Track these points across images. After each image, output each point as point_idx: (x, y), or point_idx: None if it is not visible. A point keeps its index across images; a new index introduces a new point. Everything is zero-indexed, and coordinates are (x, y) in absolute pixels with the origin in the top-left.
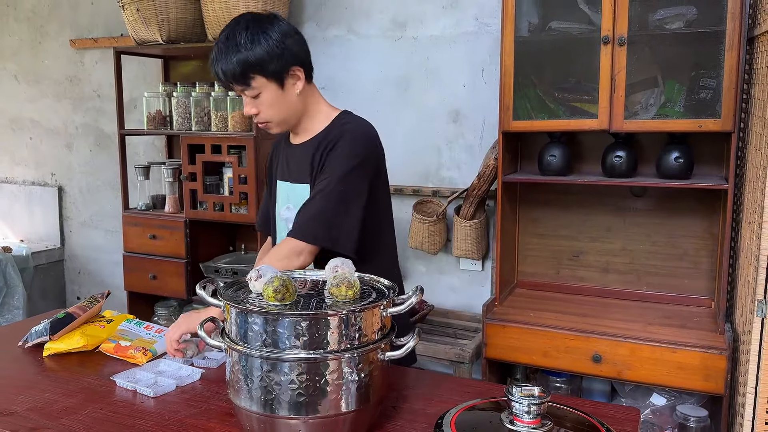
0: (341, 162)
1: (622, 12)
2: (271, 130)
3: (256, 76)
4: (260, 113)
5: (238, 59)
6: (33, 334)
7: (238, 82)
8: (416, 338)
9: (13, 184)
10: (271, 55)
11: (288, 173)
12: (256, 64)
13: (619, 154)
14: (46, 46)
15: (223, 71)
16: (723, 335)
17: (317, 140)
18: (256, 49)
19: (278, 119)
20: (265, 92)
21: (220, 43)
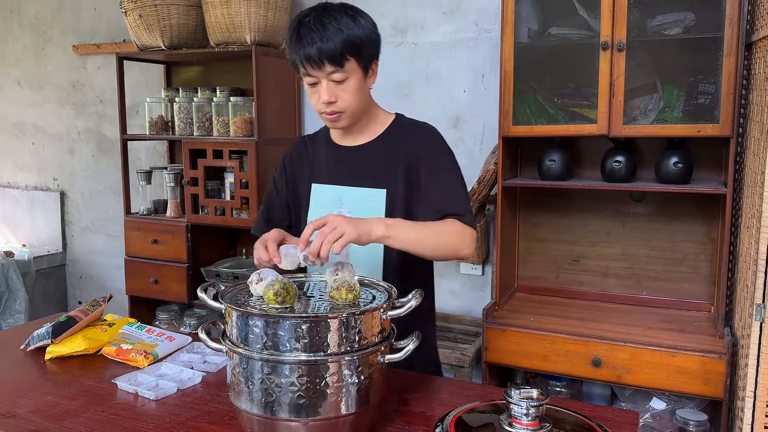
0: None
1: (620, 18)
2: (339, 123)
3: (351, 59)
4: (338, 101)
5: (341, 38)
6: (35, 337)
7: (333, 62)
8: (416, 341)
9: (15, 189)
10: (368, 40)
11: (342, 176)
12: (357, 46)
13: (619, 159)
14: (49, 51)
15: (321, 49)
16: (722, 339)
17: (383, 141)
18: (359, 30)
19: (354, 109)
20: (352, 78)
21: (313, 22)
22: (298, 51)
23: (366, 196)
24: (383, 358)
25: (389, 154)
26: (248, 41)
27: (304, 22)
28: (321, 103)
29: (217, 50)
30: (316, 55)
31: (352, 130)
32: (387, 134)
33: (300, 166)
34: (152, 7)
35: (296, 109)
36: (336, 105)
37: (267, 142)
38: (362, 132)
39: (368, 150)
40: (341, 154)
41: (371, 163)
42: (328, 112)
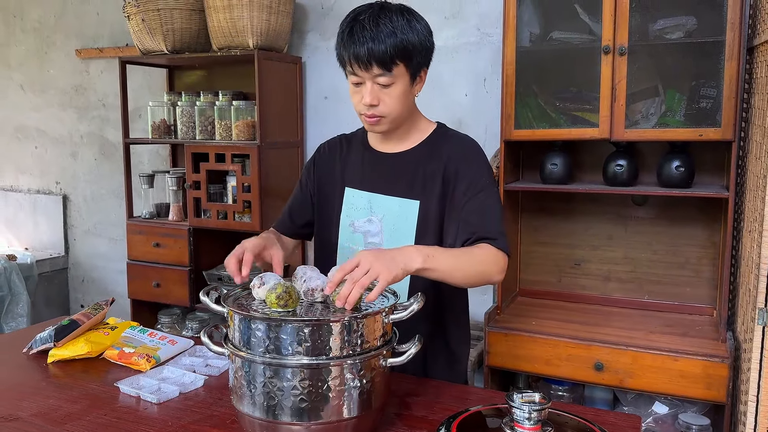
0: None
1: (622, 22)
2: (378, 127)
3: (400, 64)
4: (381, 104)
5: (393, 41)
6: (38, 340)
7: (382, 66)
8: (418, 345)
9: (18, 193)
10: (421, 47)
11: (376, 183)
12: (408, 52)
13: (620, 163)
14: (52, 55)
15: (371, 50)
16: (725, 343)
17: (423, 151)
18: (412, 35)
19: (395, 115)
20: (399, 83)
21: (367, 20)
22: (348, 48)
23: (398, 206)
24: (385, 361)
25: (426, 165)
26: (251, 45)
27: (358, 19)
28: (362, 105)
29: (220, 54)
30: (366, 55)
31: (391, 136)
32: (426, 144)
33: (331, 165)
34: (155, 11)
35: (298, 113)
36: (377, 109)
37: (269, 146)
38: (401, 139)
39: (405, 158)
40: (377, 160)
41: (407, 172)
42: (369, 115)
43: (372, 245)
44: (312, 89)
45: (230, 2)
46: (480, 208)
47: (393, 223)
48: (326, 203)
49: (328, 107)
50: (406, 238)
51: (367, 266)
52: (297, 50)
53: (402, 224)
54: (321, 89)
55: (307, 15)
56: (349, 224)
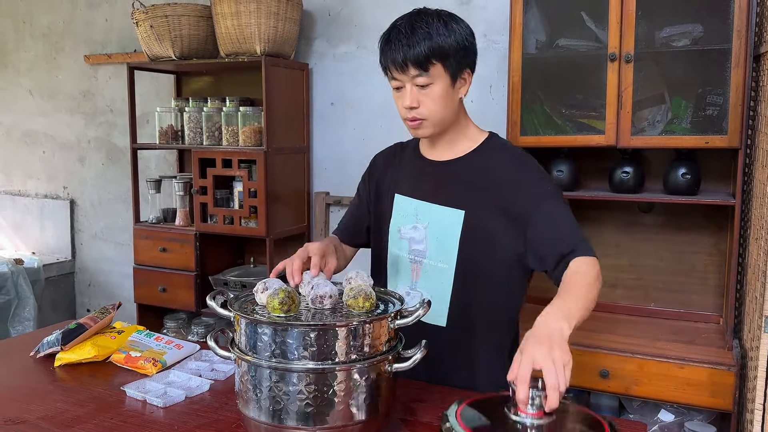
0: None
1: (628, 30)
2: (420, 131)
3: (437, 64)
4: (421, 107)
5: (428, 42)
6: (45, 344)
7: (418, 66)
8: (423, 350)
9: (25, 197)
10: (458, 48)
11: (425, 191)
12: (444, 52)
13: (626, 170)
14: (61, 61)
15: (406, 52)
16: (731, 351)
17: (473, 159)
18: (448, 36)
19: (437, 118)
20: (437, 84)
21: (403, 26)
22: (386, 54)
23: (443, 214)
24: (391, 367)
25: (475, 175)
26: (258, 52)
27: (396, 25)
28: (404, 109)
29: (227, 61)
30: (402, 57)
31: (439, 143)
32: (476, 153)
33: (385, 172)
34: (163, 18)
35: (305, 118)
36: (418, 111)
37: (276, 152)
38: (450, 147)
39: (453, 167)
40: (425, 167)
41: (454, 181)
42: (410, 118)
43: (417, 252)
44: (318, 95)
45: (238, 9)
46: (551, 220)
47: (437, 231)
48: (380, 210)
49: (335, 113)
50: (450, 246)
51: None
52: (304, 57)
53: (446, 233)
54: (327, 95)
55: (314, 22)
56: (397, 230)
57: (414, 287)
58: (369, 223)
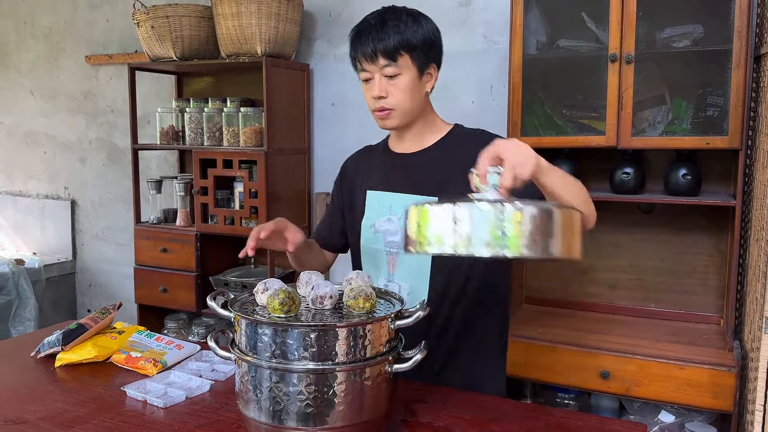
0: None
1: (629, 30)
2: (388, 121)
3: (405, 55)
4: (389, 97)
5: (397, 33)
6: (45, 344)
7: (386, 56)
8: (423, 351)
9: (26, 198)
10: (425, 41)
11: (395, 182)
12: (411, 44)
13: (627, 171)
14: (62, 62)
15: (376, 43)
16: (731, 352)
17: (438, 150)
18: (416, 30)
19: (405, 108)
20: (405, 75)
21: (373, 19)
22: (356, 46)
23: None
24: (391, 367)
25: (445, 162)
26: (259, 52)
27: (366, 19)
28: (372, 99)
29: (228, 61)
30: (372, 49)
31: (407, 136)
32: (443, 142)
33: (356, 173)
34: (164, 18)
35: (306, 119)
36: (386, 101)
37: (276, 152)
38: (418, 139)
39: (422, 157)
40: (396, 161)
41: (424, 170)
42: (378, 108)
43: (392, 244)
44: (319, 96)
45: (239, 10)
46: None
47: None
48: (354, 211)
49: (335, 114)
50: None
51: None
52: (305, 57)
53: None
54: (328, 96)
55: (315, 22)
56: (370, 225)
57: (391, 279)
58: (343, 226)
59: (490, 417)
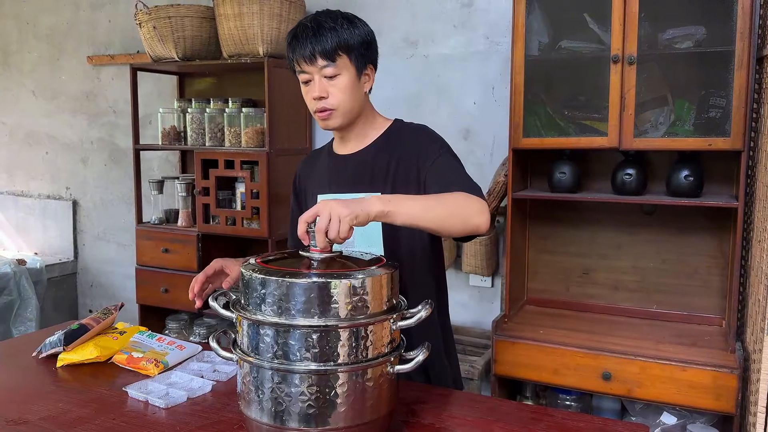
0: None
1: (631, 31)
2: (330, 121)
3: (343, 56)
4: (330, 97)
5: (334, 35)
6: (47, 344)
7: (325, 57)
8: (425, 352)
9: (28, 198)
10: (362, 42)
11: (341, 184)
12: (348, 45)
13: (629, 172)
14: (64, 62)
15: (314, 45)
16: (734, 354)
17: (380, 145)
18: (352, 31)
19: (346, 107)
20: (344, 75)
21: (309, 22)
22: (295, 48)
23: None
24: (393, 368)
25: (384, 156)
26: (260, 53)
27: (302, 23)
28: (313, 100)
29: (230, 62)
30: (310, 50)
31: (349, 137)
32: (382, 138)
33: (307, 180)
34: (166, 19)
35: (307, 120)
36: (327, 101)
37: (278, 153)
38: (359, 139)
39: (364, 155)
40: (340, 162)
41: (367, 167)
42: (320, 109)
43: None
44: None
45: (241, 10)
46: (443, 170)
47: None
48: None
49: None
50: (374, 229)
51: (327, 214)
52: None
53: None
54: None
55: None
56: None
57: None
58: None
59: (492, 418)
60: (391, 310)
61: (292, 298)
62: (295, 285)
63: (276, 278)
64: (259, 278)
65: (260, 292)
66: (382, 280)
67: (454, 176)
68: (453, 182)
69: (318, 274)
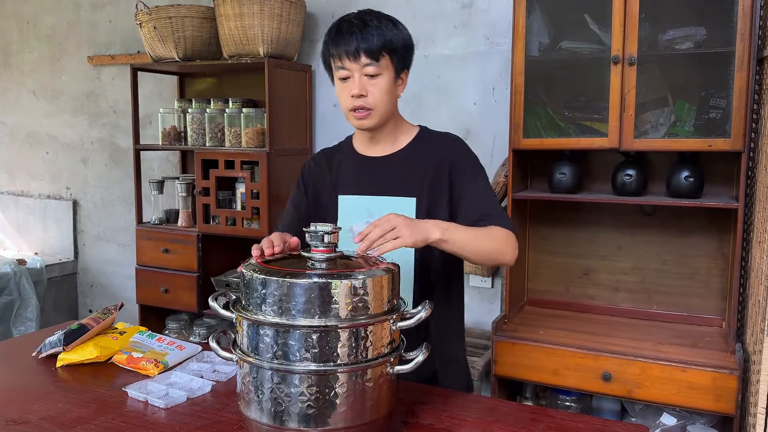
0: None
1: (631, 32)
2: (366, 121)
3: (386, 56)
4: (369, 96)
5: (380, 34)
6: (47, 344)
7: (370, 55)
8: (425, 352)
9: (29, 198)
10: (404, 45)
11: (370, 186)
12: (393, 46)
13: (629, 173)
14: (65, 62)
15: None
16: (734, 355)
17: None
18: (397, 33)
19: (382, 109)
20: (384, 76)
21: (354, 18)
22: (337, 43)
23: (395, 205)
24: (392, 369)
25: (417, 163)
26: (261, 53)
27: (345, 19)
28: (350, 98)
29: (231, 62)
30: (355, 46)
31: (378, 139)
32: (413, 144)
33: (321, 179)
34: (167, 19)
35: (308, 120)
36: (366, 100)
37: (278, 153)
38: (388, 142)
39: (395, 159)
40: (368, 164)
41: (399, 172)
42: (358, 107)
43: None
44: (321, 97)
45: (241, 11)
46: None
47: None
48: (322, 215)
49: (337, 115)
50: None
51: (395, 224)
52: (307, 58)
53: None
54: (330, 97)
55: (318, 24)
56: (348, 230)
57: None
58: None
59: (492, 419)
60: (391, 310)
61: (292, 299)
62: (296, 285)
63: (277, 278)
64: (260, 278)
65: (261, 292)
66: (382, 281)
67: (491, 208)
68: (491, 214)
69: (319, 274)
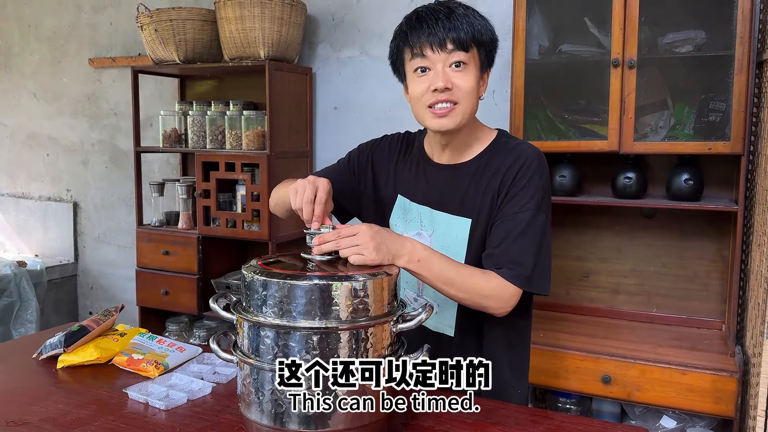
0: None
1: (631, 35)
2: (449, 119)
3: (474, 48)
4: (455, 89)
5: (469, 23)
6: (47, 346)
7: (458, 45)
8: (425, 354)
9: (29, 200)
10: (491, 38)
11: (429, 198)
12: (482, 37)
13: (629, 176)
14: (65, 64)
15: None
16: (733, 358)
17: (478, 166)
18: (485, 24)
19: (467, 107)
20: (472, 70)
21: (438, 5)
22: (418, 31)
23: (450, 223)
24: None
25: (481, 180)
26: (262, 56)
27: (427, 7)
28: (431, 93)
29: (231, 65)
30: (442, 35)
31: (453, 144)
32: (484, 155)
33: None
34: (168, 21)
35: (308, 123)
36: (451, 93)
37: (279, 156)
38: (460, 149)
39: (462, 172)
40: (434, 172)
41: (461, 188)
42: (441, 100)
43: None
44: (322, 100)
45: (242, 13)
46: (509, 229)
47: (443, 239)
48: (377, 200)
49: (338, 118)
50: (456, 256)
51: (361, 241)
52: (308, 61)
53: (452, 242)
54: (331, 100)
55: (318, 26)
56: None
57: (420, 294)
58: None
59: (491, 421)
60: (391, 312)
61: (293, 300)
62: (297, 287)
63: (277, 280)
64: (261, 280)
65: (261, 294)
66: (383, 283)
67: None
68: (505, 251)
69: (320, 276)
